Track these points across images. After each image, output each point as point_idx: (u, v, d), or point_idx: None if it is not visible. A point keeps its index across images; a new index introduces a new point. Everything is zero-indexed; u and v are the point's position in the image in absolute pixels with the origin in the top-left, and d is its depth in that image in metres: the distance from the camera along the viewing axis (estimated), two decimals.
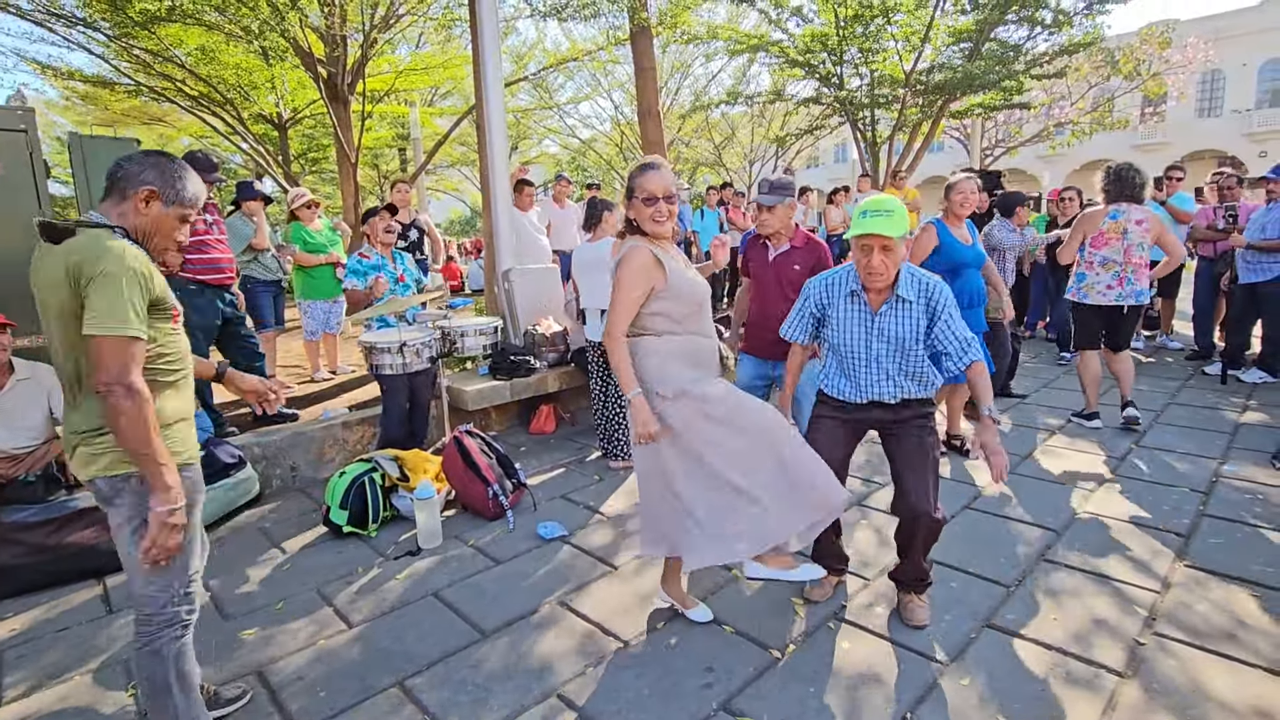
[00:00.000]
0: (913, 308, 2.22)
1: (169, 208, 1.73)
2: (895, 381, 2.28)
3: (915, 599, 2.40)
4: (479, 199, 9.97)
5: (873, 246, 2.13)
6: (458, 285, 12.43)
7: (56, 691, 2.20)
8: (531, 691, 2.10)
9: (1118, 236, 4.08)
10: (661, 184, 2.10)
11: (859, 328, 2.29)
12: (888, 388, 2.28)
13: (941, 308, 2.20)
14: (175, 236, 1.78)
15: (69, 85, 12.04)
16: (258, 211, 4.97)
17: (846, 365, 2.34)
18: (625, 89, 17.42)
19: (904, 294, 2.20)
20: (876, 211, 2.11)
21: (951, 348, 2.21)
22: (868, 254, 2.15)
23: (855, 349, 2.30)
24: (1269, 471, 3.55)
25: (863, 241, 2.15)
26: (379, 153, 17.61)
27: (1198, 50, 16.34)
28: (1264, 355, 5.34)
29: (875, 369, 2.28)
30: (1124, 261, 4.07)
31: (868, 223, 2.10)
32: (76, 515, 2.91)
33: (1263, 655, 2.13)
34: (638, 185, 2.11)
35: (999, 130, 18.70)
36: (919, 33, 10.77)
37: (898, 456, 2.32)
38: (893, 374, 2.27)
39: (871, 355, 2.27)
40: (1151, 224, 4.05)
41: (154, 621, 1.73)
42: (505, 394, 4.60)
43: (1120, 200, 4.08)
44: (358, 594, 2.73)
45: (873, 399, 2.31)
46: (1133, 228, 4.04)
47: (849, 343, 2.31)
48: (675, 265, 2.16)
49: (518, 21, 17.55)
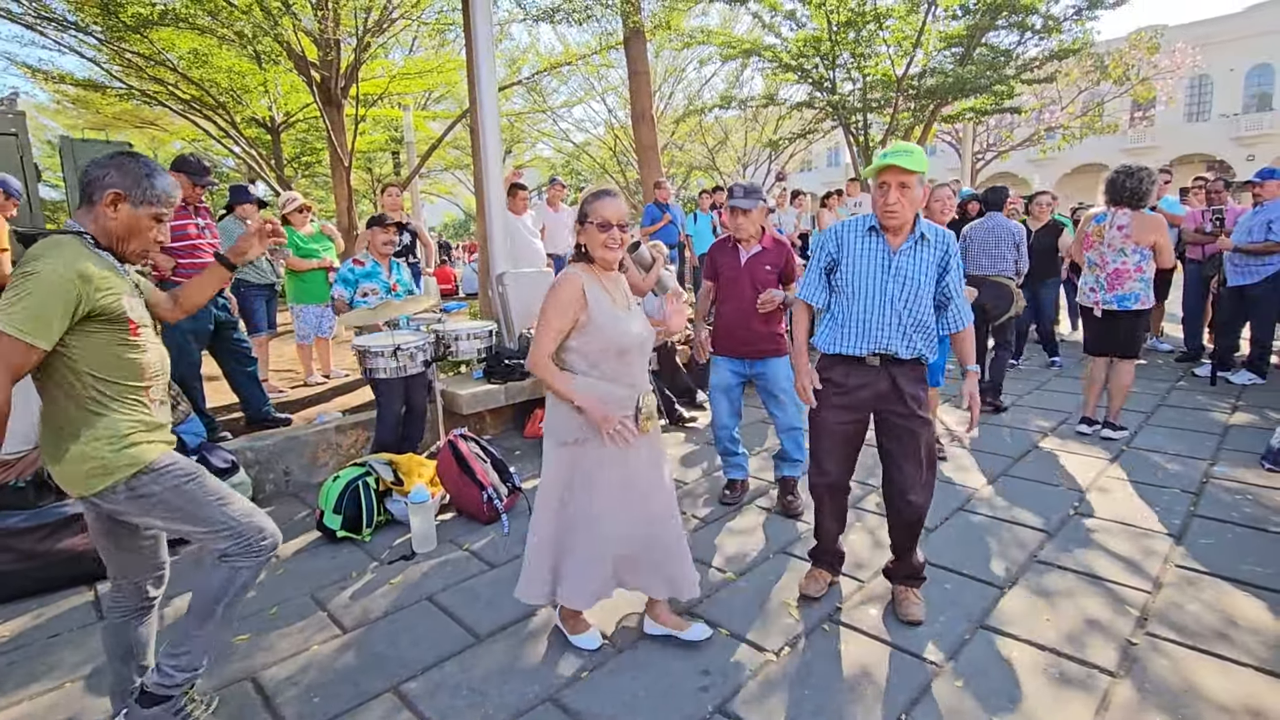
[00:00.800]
0: (930, 250, 2.22)
1: (138, 208, 1.70)
2: (905, 331, 2.22)
3: (910, 594, 2.42)
4: (473, 203, 9.96)
5: (890, 184, 2.13)
6: (451, 289, 12.41)
7: (46, 699, 2.18)
8: (527, 696, 2.09)
9: (1100, 240, 4.08)
10: (616, 211, 2.08)
11: (876, 266, 2.23)
12: (897, 336, 2.22)
13: (953, 258, 2.25)
14: (152, 237, 1.75)
15: (60, 89, 11.97)
16: (252, 215, 4.95)
17: (856, 308, 2.26)
18: (619, 93, 17.44)
19: (927, 234, 2.22)
20: (896, 151, 2.12)
21: (957, 298, 2.28)
22: (885, 191, 2.15)
23: (869, 289, 2.23)
24: (1258, 472, 3.59)
25: (881, 178, 2.16)
26: (372, 156, 17.55)
27: (1186, 55, 16.53)
28: (1252, 357, 5.39)
29: (888, 311, 2.21)
30: (1109, 265, 4.03)
31: (887, 159, 2.12)
32: (67, 521, 2.89)
33: (1254, 654, 2.15)
34: (592, 210, 2.07)
35: (990, 134, 18.85)
36: (911, 38, 10.85)
37: (894, 448, 2.31)
38: (904, 320, 2.21)
39: (886, 296, 2.21)
40: (1135, 228, 3.94)
41: (233, 549, 1.80)
42: (500, 398, 4.59)
43: (1114, 204, 4.03)
44: (352, 599, 2.72)
45: (878, 349, 2.24)
46: (1112, 233, 4.01)
47: (863, 281, 2.24)
48: (604, 304, 2.07)
49: (512, 26, 17.56)
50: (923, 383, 2.31)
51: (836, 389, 2.35)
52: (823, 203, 9.32)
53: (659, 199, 8.37)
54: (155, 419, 1.78)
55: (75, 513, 2.91)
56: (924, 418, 2.29)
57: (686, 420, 4.93)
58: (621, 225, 2.09)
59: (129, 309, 1.68)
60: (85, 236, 1.66)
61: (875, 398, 2.30)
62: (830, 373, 2.37)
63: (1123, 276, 3.99)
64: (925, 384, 2.33)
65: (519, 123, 18.54)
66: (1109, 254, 4.02)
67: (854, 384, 2.31)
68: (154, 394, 1.78)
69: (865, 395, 2.31)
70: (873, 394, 2.30)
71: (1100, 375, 4.29)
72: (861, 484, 3.59)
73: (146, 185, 1.71)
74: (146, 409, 1.76)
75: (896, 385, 2.26)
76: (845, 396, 2.33)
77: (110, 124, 14.05)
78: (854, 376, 2.31)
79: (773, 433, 4.62)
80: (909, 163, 2.08)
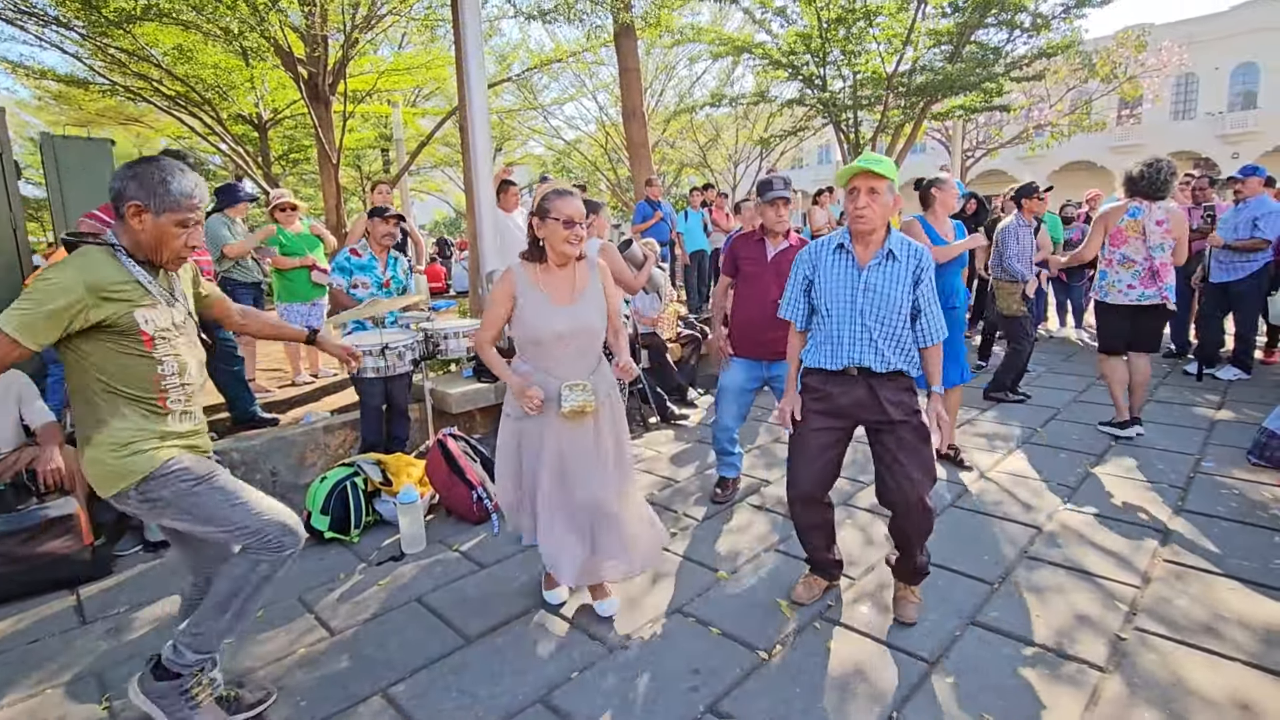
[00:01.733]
0: (901, 267, 2.21)
1: (160, 217, 1.71)
2: (877, 346, 2.21)
3: (909, 593, 2.41)
4: (464, 200, 9.91)
5: (860, 189, 2.15)
6: (442, 287, 12.34)
7: (26, 705, 2.14)
8: (517, 697, 2.07)
9: (1138, 235, 3.96)
10: (578, 209, 2.23)
11: (844, 283, 2.25)
12: (869, 351, 2.22)
13: (924, 272, 2.23)
14: (180, 243, 1.76)
15: (42, 85, 11.80)
16: (243, 213, 4.92)
17: (829, 325, 2.28)
18: (610, 90, 17.39)
19: (895, 251, 2.21)
20: (866, 157, 2.14)
21: (928, 312, 2.24)
22: (855, 196, 2.17)
23: (840, 305, 2.25)
24: (1245, 467, 3.61)
25: (852, 183, 2.18)
26: (361, 154, 17.41)
27: (1172, 54, 16.63)
28: (1237, 353, 5.44)
29: (858, 326, 2.22)
30: (1146, 261, 3.94)
31: (855, 164, 2.14)
32: (49, 524, 2.84)
33: (1242, 648, 2.16)
34: (554, 208, 2.21)
35: (980, 132, 18.92)
36: (901, 35, 10.87)
37: (886, 450, 2.25)
38: (874, 334, 2.21)
39: (856, 310, 2.22)
40: (1174, 224, 3.91)
41: (252, 546, 1.85)
42: (490, 396, 4.56)
43: (1140, 197, 3.95)
44: (340, 600, 2.69)
45: (854, 363, 2.24)
46: (1153, 228, 3.92)
47: (834, 299, 2.26)
48: (533, 298, 2.28)
49: (501, 22, 17.48)
50: (906, 390, 2.28)
51: (814, 396, 2.35)
52: (814, 200, 9.32)
53: (650, 196, 8.34)
54: (169, 427, 1.80)
55: (56, 516, 2.86)
56: (905, 420, 2.23)
57: (677, 417, 4.92)
58: (580, 223, 2.23)
59: (143, 321, 1.71)
60: (117, 249, 1.71)
61: (854, 405, 2.28)
62: (809, 379, 2.38)
63: (1164, 270, 3.94)
64: (910, 390, 2.29)
65: (509, 119, 18.46)
66: (1155, 251, 3.91)
67: (831, 390, 2.31)
68: (171, 403, 1.79)
69: (844, 402, 2.29)
70: (851, 401, 2.28)
71: (1122, 373, 4.19)
72: (852, 480, 3.59)
73: (163, 192, 1.70)
74: (159, 417, 1.78)
75: (875, 393, 2.25)
76: (822, 403, 2.32)
77: (93, 121, 13.87)
78: (831, 383, 2.31)
79: (764, 430, 4.62)
80: (879, 168, 2.11)
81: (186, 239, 1.76)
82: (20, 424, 3.19)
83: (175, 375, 1.80)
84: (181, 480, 1.78)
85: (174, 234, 1.73)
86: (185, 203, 1.73)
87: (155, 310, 1.75)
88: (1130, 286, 4.04)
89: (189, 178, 1.75)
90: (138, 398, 1.75)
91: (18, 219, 3.96)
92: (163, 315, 1.77)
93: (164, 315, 1.77)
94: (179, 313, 1.83)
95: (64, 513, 2.88)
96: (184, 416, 1.84)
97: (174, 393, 1.80)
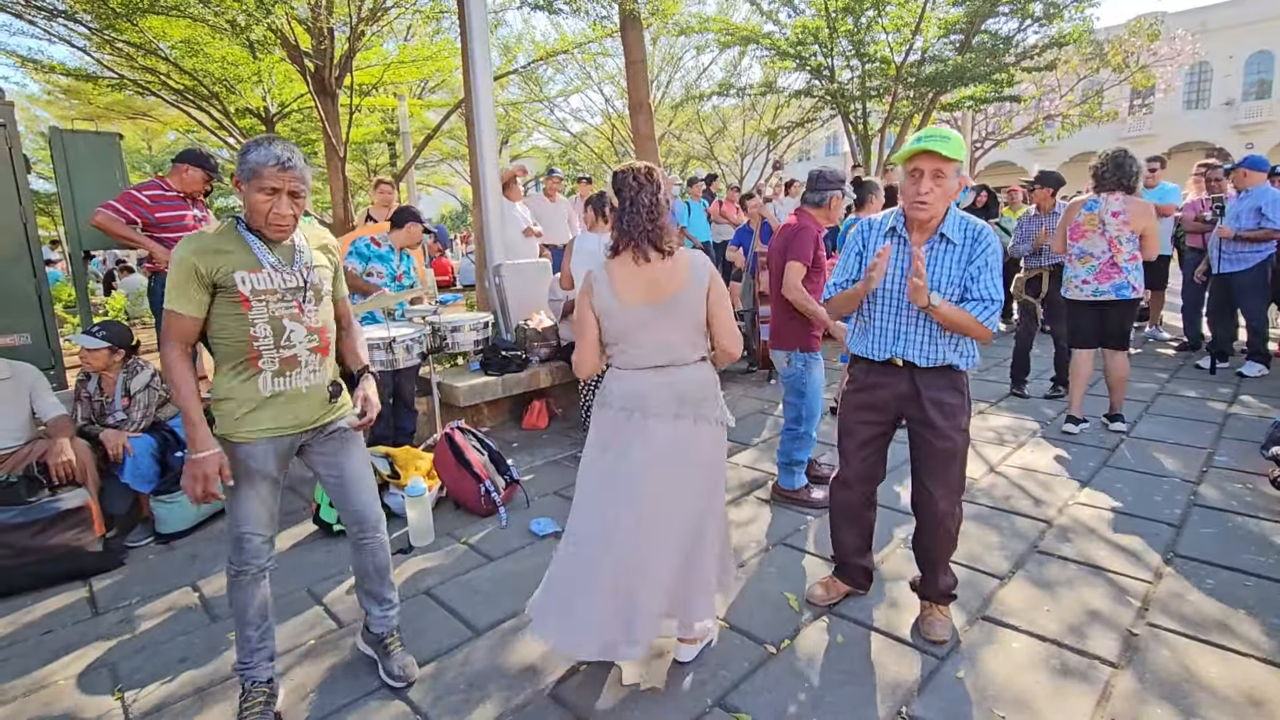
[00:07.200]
0: (956, 251, 2.03)
1: (247, 185, 1.80)
2: (922, 337, 2.07)
3: (938, 611, 2.28)
4: (470, 193, 9.90)
5: (924, 170, 1.96)
6: (449, 280, 12.34)
7: (39, 696, 2.16)
8: (525, 690, 2.08)
9: (1095, 229, 3.92)
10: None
11: (893, 269, 2.09)
12: (915, 342, 2.08)
13: (983, 251, 2.01)
14: (264, 210, 1.80)
15: (51, 79, 11.84)
16: None
17: (876, 313, 2.15)
18: (616, 82, 17.32)
19: (949, 234, 2.03)
20: (932, 135, 1.94)
21: (978, 291, 2.01)
22: (917, 180, 1.97)
23: (888, 292, 2.11)
24: (1259, 461, 3.58)
25: (914, 164, 1.98)
26: (368, 147, 17.43)
27: (1185, 43, 16.41)
28: (1253, 347, 5.36)
29: (903, 316, 2.08)
30: (1105, 254, 3.88)
31: (921, 143, 1.93)
32: (61, 516, 2.86)
33: (1255, 644, 2.14)
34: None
35: (989, 123, 18.75)
36: (910, 24, 10.75)
37: (913, 454, 2.19)
38: (920, 323, 2.06)
39: (904, 300, 2.06)
40: (1132, 215, 3.83)
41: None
42: (497, 390, 4.56)
43: (1105, 190, 3.92)
44: (348, 593, 2.70)
45: (898, 355, 2.11)
46: (1109, 219, 3.86)
47: (881, 285, 2.10)
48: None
49: (506, 13, 17.40)
50: (953, 390, 2.12)
51: (856, 386, 2.28)
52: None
53: None
54: (258, 390, 1.87)
55: (68, 508, 2.88)
56: (941, 427, 2.09)
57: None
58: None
59: (240, 281, 1.80)
60: (239, 221, 1.86)
61: (895, 399, 2.17)
62: (853, 368, 2.31)
63: (1118, 265, 3.87)
64: (958, 391, 2.12)
65: (515, 112, 18.41)
66: (1117, 243, 3.85)
67: (873, 381, 2.21)
68: (264, 364, 1.86)
69: (884, 395, 2.19)
70: (892, 394, 2.17)
71: (1088, 369, 4.15)
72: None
73: (242, 164, 1.79)
74: (252, 376, 1.86)
75: (917, 388, 2.12)
76: (863, 394, 2.24)
77: (102, 114, 13.92)
78: (874, 374, 2.21)
79: (772, 424, 4.60)
80: (947, 149, 1.89)
81: (273, 206, 1.80)
82: (33, 417, 3.21)
83: (269, 337, 1.85)
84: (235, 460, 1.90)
85: (259, 200, 1.79)
86: (259, 170, 1.77)
87: (258, 274, 1.82)
88: (1085, 282, 3.97)
89: (268, 149, 1.79)
90: (235, 354, 1.85)
91: (28, 212, 3.98)
92: (264, 279, 1.83)
93: (266, 279, 1.83)
94: (292, 279, 1.88)
95: (76, 505, 2.91)
96: (277, 378, 1.89)
97: (267, 355, 1.86)
